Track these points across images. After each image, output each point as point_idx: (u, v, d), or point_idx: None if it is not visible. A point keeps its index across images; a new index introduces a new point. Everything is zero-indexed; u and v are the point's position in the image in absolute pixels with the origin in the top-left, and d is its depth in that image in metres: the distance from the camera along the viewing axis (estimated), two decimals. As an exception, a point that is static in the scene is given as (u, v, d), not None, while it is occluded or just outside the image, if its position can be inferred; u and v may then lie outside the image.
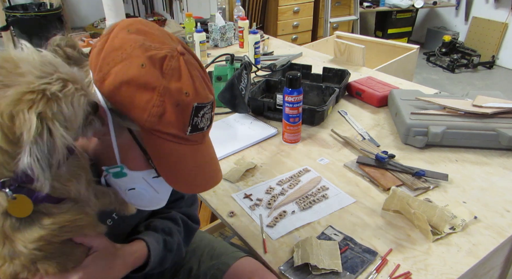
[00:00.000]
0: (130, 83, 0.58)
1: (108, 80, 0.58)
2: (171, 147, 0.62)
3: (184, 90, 0.59)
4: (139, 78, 0.57)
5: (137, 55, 0.58)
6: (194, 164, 0.65)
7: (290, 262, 0.86)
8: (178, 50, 0.60)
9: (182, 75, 0.60)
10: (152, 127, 0.59)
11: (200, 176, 0.67)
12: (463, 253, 0.87)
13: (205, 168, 0.67)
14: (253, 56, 1.96)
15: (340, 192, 1.08)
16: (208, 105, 0.63)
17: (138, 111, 0.58)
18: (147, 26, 0.63)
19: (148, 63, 0.58)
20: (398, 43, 2.47)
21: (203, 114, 0.63)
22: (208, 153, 0.69)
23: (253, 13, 4.27)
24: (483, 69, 4.34)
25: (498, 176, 1.13)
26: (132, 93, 0.58)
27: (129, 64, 0.58)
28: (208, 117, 0.65)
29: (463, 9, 4.63)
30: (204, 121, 0.64)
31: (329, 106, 1.46)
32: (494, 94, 1.38)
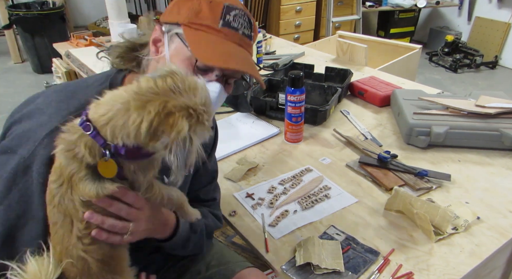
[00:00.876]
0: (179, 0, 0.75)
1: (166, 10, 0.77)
2: (205, 35, 0.73)
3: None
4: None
5: None
6: (225, 50, 0.74)
7: (292, 261, 0.86)
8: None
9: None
10: (190, 21, 0.73)
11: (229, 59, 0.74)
12: (466, 253, 0.87)
13: (237, 57, 0.75)
14: (256, 56, 1.95)
15: (342, 191, 1.08)
16: (240, 10, 0.75)
17: (182, 15, 0.74)
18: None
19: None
20: (401, 43, 2.47)
21: (235, 15, 0.74)
22: (246, 56, 0.77)
23: (255, 12, 4.27)
24: (486, 69, 4.33)
25: (501, 177, 1.12)
26: (179, 6, 0.75)
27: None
28: (241, 22, 0.75)
29: (466, 9, 4.62)
30: (238, 23, 0.75)
31: (332, 106, 1.46)
32: (497, 94, 1.37)
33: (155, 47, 0.78)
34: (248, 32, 0.77)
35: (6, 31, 4.13)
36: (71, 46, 2.31)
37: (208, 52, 0.72)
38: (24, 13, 3.87)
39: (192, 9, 0.73)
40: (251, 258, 1.52)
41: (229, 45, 0.75)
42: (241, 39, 0.76)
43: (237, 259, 1.01)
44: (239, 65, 0.74)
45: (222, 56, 0.73)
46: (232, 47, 0.75)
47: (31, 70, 4.19)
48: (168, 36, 0.76)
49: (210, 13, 0.73)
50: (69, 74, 2.12)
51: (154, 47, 0.78)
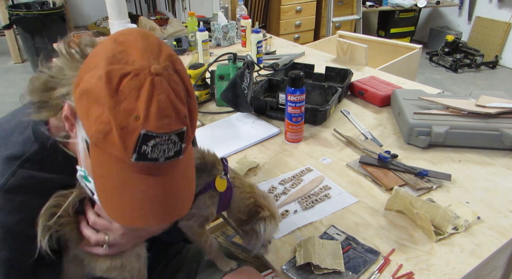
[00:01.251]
0: (88, 93, 0.56)
1: (79, 86, 0.58)
2: (113, 168, 0.58)
3: (134, 114, 0.54)
4: (94, 90, 0.56)
5: (101, 66, 0.56)
6: (136, 196, 0.59)
7: (292, 261, 0.86)
8: (152, 70, 0.55)
9: (140, 97, 0.54)
10: (97, 143, 0.57)
11: (144, 209, 0.60)
12: (466, 253, 0.87)
13: (151, 203, 0.60)
14: (256, 55, 1.95)
15: (342, 191, 1.08)
16: (163, 136, 0.56)
17: (89, 123, 0.57)
18: (140, 37, 0.59)
19: (105, 77, 0.55)
20: (401, 43, 2.47)
21: (154, 145, 0.56)
22: (164, 189, 0.61)
23: (255, 12, 4.27)
24: (486, 69, 4.33)
25: (502, 176, 1.12)
26: (89, 104, 0.57)
27: (93, 74, 0.56)
28: (165, 149, 0.57)
29: (466, 9, 4.62)
30: (158, 152, 0.57)
31: (332, 105, 1.46)
32: (497, 94, 1.37)
33: (68, 124, 0.65)
34: (173, 151, 0.59)
35: (6, 31, 4.13)
36: (71, 46, 2.31)
37: (112, 201, 0.60)
38: (24, 13, 3.87)
39: (100, 126, 0.56)
40: (251, 258, 1.52)
41: (141, 185, 0.59)
42: (161, 168, 0.60)
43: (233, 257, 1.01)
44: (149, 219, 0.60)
45: (128, 210, 0.59)
46: (143, 187, 0.59)
47: (31, 70, 4.20)
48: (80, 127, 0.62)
49: (120, 142, 0.55)
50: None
51: (67, 124, 0.65)
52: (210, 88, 1.63)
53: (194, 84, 1.58)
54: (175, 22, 2.48)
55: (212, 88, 1.63)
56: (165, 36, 2.32)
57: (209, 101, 1.64)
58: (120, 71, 0.55)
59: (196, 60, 2.07)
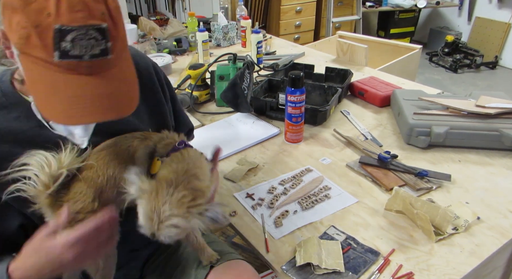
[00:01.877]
0: (5, 4, 0.58)
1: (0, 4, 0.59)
2: (41, 71, 0.59)
3: (46, 11, 0.55)
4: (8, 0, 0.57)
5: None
6: (67, 93, 0.59)
7: (292, 261, 0.86)
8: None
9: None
10: (22, 49, 0.58)
11: (75, 108, 0.59)
12: (466, 253, 0.87)
13: (86, 101, 0.60)
14: (256, 56, 1.95)
15: (342, 192, 1.08)
16: (80, 29, 0.56)
17: (12, 34, 0.58)
18: None
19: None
20: (401, 43, 2.47)
21: (73, 40, 0.56)
22: (99, 87, 0.61)
23: (255, 13, 4.28)
24: (486, 70, 4.33)
25: (501, 177, 1.12)
26: (9, 16, 0.58)
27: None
28: (87, 45, 0.57)
29: (466, 9, 4.62)
30: (80, 49, 0.57)
31: (332, 106, 1.46)
32: (497, 94, 1.37)
33: (8, 51, 0.65)
34: (98, 49, 0.59)
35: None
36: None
37: (47, 103, 0.60)
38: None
39: (21, 31, 0.57)
40: (251, 258, 1.52)
41: (71, 83, 0.59)
42: (90, 66, 0.60)
43: (226, 250, 1.00)
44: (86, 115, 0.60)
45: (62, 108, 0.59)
46: (75, 85, 0.59)
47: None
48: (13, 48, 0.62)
49: (40, 42, 0.56)
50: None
51: (7, 51, 0.65)
52: (210, 89, 1.63)
53: (194, 84, 1.58)
54: (175, 22, 2.48)
55: (212, 89, 1.63)
56: (165, 36, 2.33)
57: (209, 102, 1.64)
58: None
59: (196, 60, 2.07)
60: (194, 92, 1.57)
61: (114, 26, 0.60)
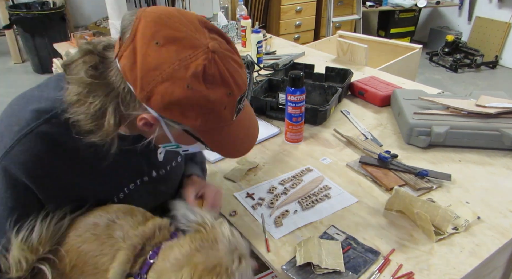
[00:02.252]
0: (180, 104, 0.63)
1: (155, 99, 0.63)
2: (223, 132, 0.72)
3: (227, 92, 0.66)
4: (187, 100, 0.63)
5: (180, 77, 0.62)
6: (241, 134, 0.76)
7: (292, 261, 0.86)
8: (210, 47, 0.63)
9: (224, 78, 0.65)
10: (204, 129, 0.69)
11: (248, 141, 0.79)
12: (466, 253, 0.87)
13: (250, 132, 0.79)
14: (256, 56, 1.95)
15: (342, 191, 1.08)
16: (244, 94, 0.71)
17: (190, 121, 0.66)
18: (171, 25, 0.63)
19: (192, 82, 0.62)
20: (401, 43, 2.47)
21: (241, 101, 0.71)
22: (245, 116, 0.77)
23: (255, 12, 4.27)
24: (486, 69, 4.33)
25: (502, 176, 1.12)
26: (183, 111, 0.64)
27: (173, 85, 0.62)
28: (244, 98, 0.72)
29: (466, 9, 4.62)
30: (242, 104, 0.72)
31: (332, 105, 1.46)
32: (497, 94, 1.37)
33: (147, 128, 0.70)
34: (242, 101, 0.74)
35: (7, 31, 4.13)
36: (72, 46, 2.31)
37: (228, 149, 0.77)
38: (25, 13, 3.87)
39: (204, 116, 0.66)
40: (251, 258, 1.52)
41: (240, 126, 0.75)
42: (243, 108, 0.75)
43: None
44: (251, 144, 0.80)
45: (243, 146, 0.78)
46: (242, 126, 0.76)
47: (32, 70, 4.19)
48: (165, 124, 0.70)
49: (225, 115, 0.68)
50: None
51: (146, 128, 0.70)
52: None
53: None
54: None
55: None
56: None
57: (209, 101, 1.63)
58: (198, 69, 0.62)
59: (196, 60, 2.06)
60: None
61: None
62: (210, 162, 1.22)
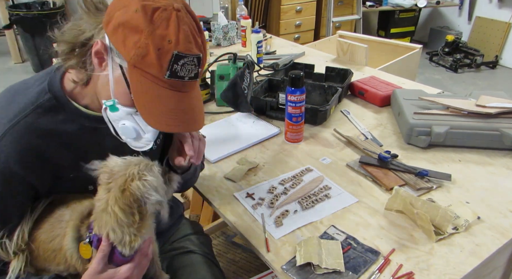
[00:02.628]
0: (124, 25, 0.69)
1: (111, 23, 0.71)
2: (149, 85, 0.72)
3: (167, 38, 0.68)
4: (131, 21, 0.68)
5: (135, 3, 0.69)
6: (169, 106, 0.74)
7: (292, 261, 0.86)
8: (174, 6, 0.70)
9: (170, 26, 0.69)
10: (136, 64, 0.70)
11: (173, 118, 0.75)
12: (466, 253, 0.87)
13: (180, 113, 0.75)
14: (256, 55, 1.95)
15: (342, 191, 1.08)
16: (189, 57, 0.71)
17: (127, 49, 0.69)
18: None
19: (141, 9, 0.68)
20: (401, 43, 2.47)
21: (183, 64, 0.71)
22: (188, 102, 0.76)
23: (255, 12, 4.27)
24: (486, 69, 4.33)
25: (502, 176, 1.12)
26: (125, 34, 0.69)
27: (127, 9, 0.69)
28: (189, 69, 0.72)
29: (466, 9, 4.62)
30: (185, 71, 0.72)
31: (332, 105, 1.46)
32: (497, 94, 1.37)
33: (98, 60, 0.75)
34: (193, 73, 0.74)
35: (7, 31, 4.13)
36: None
37: (150, 112, 0.74)
38: (25, 13, 3.87)
39: (139, 50, 0.69)
40: (251, 257, 1.52)
41: (172, 98, 0.74)
42: (185, 86, 0.75)
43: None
44: (178, 126, 0.76)
45: (163, 118, 0.74)
46: (174, 100, 0.74)
47: (32, 70, 4.19)
48: (111, 59, 0.74)
49: (157, 61, 0.69)
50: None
51: (96, 60, 0.75)
52: (210, 88, 1.63)
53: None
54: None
55: (212, 88, 1.63)
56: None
57: (209, 101, 1.64)
58: (152, 6, 0.68)
59: (196, 60, 2.06)
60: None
61: (204, 55, 0.75)
62: (210, 162, 1.22)
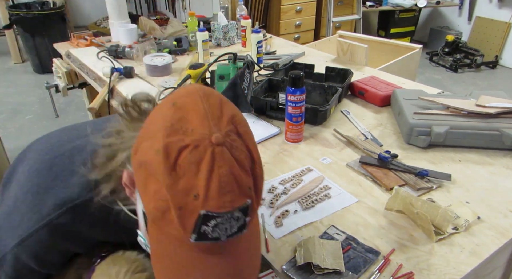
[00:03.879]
0: (146, 166, 0.53)
1: (137, 155, 0.56)
2: (172, 248, 0.54)
3: (193, 192, 0.50)
4: (150, 165, 0.52)
5: (159, 138, 0.51)
6: (197, 274, 0.54)
7: (292, 261, 0.86)
8: (213, 140, 0.51)
9: (199, 173, 0.50)
10: (155, 221, 0.54)
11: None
12: (466, 253, 0.87)
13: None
14: (256, 55, 1.95)
15: (342, 191, 1.08)
16: (225, 216, 0.51)
17: (147, 198, 0.54)
18: (200, 99, 0.55)
19: (163, 151, 0.50)
20: (401, 43, 2.47)
21: (216, 225, 0.51)
22: (228, 266, 0.55)
23: (255, 12, 4.27)
24: (486, 69, 4.33)
25: (502, 176, 1.12)
26: (146, 178, 0.54)
27: (150, 145, 0.53)
28: (226, 226, 0.52)
29: (466, 9, 4.62)
30: (219, 232, 0.52)
31: (332, 105, 1.46)
32: (497, 94, 1.37)
33: (128, 190, 0.65)
34: (236, 227, 0.53)
35: (7, 31, 4.13)
36: (72, 46, 2.31)
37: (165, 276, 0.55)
38: (25, 13, 3.88)
39: (158, 202, 0.52)
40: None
41: (204, 264, 0.54)
42: (224, 246, 0.54)
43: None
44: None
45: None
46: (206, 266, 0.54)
47: (32, 70, 4.20)
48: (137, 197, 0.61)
49: (179, 222, 0.51)
50: (69, 74, 2.12)
51: (127, 190, 0.65)
52: (210, 88, 1.63)
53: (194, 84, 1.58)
54: (175, 22, 2.48)
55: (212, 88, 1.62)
56: (165, 36, 2.32)
57: (209, 101, 1.63)
58: (179, 144, 0.50)
59: (196, 60, 2.07)
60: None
61: (256, 198, 0.54)
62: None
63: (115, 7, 2.31)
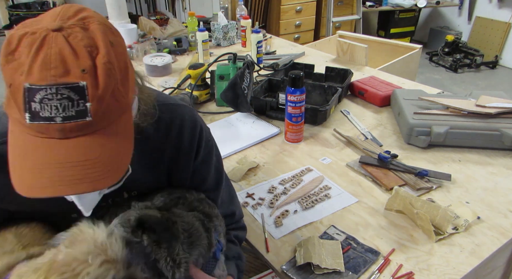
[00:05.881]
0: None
1: None
2: (17, 134, 0.55)
3: (21, 69, 0.51)
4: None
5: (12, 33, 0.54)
6: (36, 160, 0.53)
7: (292, 261, 0.86)
8: (49, 26, 0.52)
9: (29, 53, 0.51)
10: (6, 111, 0.55)
11: (38, 177, 0.52)
12: (466, 253, 0.87)
13: (53, 169, 0.53)
14: (256, 56, 1.95)
15: (342, 191, 1.08)
16: (47, 89, 0.50)
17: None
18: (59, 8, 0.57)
19: (6, 40, 0.53)
20: (401, 43, 2.47)
21: (41, 99, 0.50)
22: (70, 152, 0.53)
23: (255, 12, 4.27)
24: (486, 69, 4.33)
25: (502, 176, 1.12)
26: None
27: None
28: (55, 104, 0.51)
29: (466, 9, 4.62)
30: (48, 108, 0.51)
31: (332, 105, 1.46)
32: (497, 94, 1.37)
33: None
34: (74, 111, 0.52)
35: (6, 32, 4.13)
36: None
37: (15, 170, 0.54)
38: (25, 13, 3.88)
39: (6, 91, 0.53)
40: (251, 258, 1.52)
41: (42, 148, 0.53)
42: (63, 129, 0.52)
43: None
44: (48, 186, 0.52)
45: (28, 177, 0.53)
46: (45, 151, 0.53)
47: (32, 70, 4.19)
48: None
49: (12, 100, 0.52)
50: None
51: None
52: (210, 88, 1.63)
53: (194, 84, 1.58)
54: (175, 22, 2.48)
55: (212, 88, 1.63)
56: (165, 36, 2.32)
57: (209, 101, 1.64)
58: (20, 33, 0.53)
59: (196, 60, 2.07)
60: (194, 92, 1.57)
61: (95, 84, 0.53)
62: (210, 162, 1.22)
63: (115, 7, 2.31)
